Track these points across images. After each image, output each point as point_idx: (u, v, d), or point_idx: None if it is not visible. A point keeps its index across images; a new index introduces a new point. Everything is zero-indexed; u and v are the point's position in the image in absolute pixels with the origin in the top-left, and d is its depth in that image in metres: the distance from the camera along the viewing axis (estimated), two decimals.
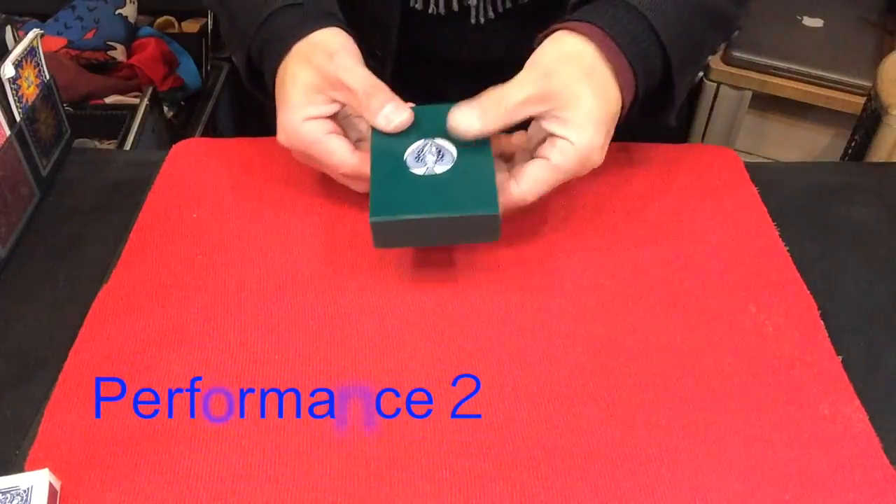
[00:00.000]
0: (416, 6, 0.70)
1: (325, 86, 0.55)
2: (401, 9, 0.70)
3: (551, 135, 0.53)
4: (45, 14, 1.46)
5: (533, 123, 0.56)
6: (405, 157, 0.54)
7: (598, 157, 0.54)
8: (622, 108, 0.55)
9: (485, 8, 0.70)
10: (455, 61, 0.77)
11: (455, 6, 0.69)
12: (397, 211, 0.51)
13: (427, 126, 0.55)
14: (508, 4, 0.70)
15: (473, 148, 0.54)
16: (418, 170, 0.53)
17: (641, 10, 0.54)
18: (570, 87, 0.52)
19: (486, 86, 0.52)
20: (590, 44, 0.53)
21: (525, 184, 0.53)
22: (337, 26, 0.59)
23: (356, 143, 0.58)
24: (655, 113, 0.60)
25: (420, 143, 0.55)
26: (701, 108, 1.57)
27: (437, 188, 0.52)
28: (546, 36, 0.55)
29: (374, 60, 0.74)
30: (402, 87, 0.82)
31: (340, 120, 0.59)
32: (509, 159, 0.58)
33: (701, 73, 0.62)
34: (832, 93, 1.48)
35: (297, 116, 0.55)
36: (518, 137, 0.58)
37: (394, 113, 0.55)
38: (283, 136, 0.57)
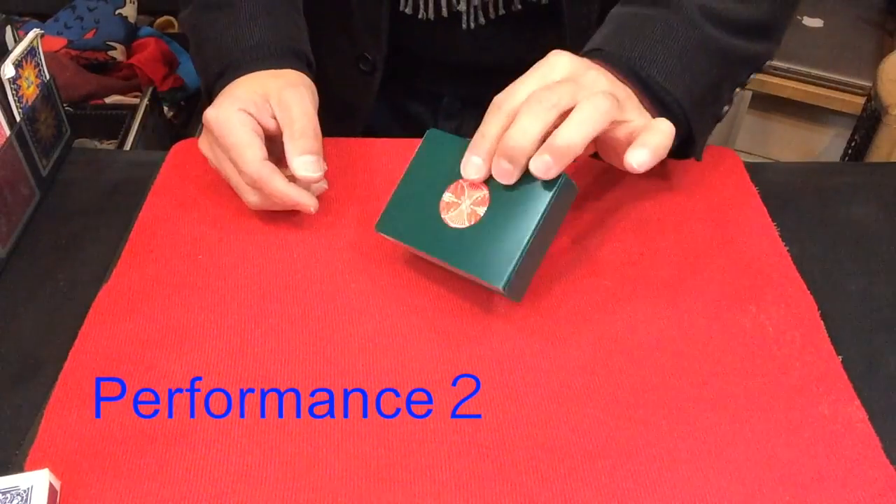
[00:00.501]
0: (407, 10, 0.69)
1: (273, 101, 0.57)
2: (391, 13, 0.70)
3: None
4: (45, 14, 1.46)
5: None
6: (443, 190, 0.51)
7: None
8: None
9: (476, 14, 0.69)
10: (447, 65, 0.76)
11: (444, 12, 0.69)
12: (403, 235, 0.52)
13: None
14: (501, 11, 0.69)
15: (526, 198, 0.49)
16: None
17: (635, 66, 0.54)
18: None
19: (479, 89, 0.51)
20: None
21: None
22: (303, 71, 0.62)
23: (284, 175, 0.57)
24: (682, 150, 0.60)
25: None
26: None
27: (457, 232, 0.50)
28: None
29: (366, 64, 0.74)
30: (395, 90, 0.82)
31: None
32: None
33: (727, 108, 0.61)
34: (832, 93, 1.48)
35: (235, 104, 0.57)
36: None
37: (309, 164, 0.55)
38: (211, 112, 0.58)
